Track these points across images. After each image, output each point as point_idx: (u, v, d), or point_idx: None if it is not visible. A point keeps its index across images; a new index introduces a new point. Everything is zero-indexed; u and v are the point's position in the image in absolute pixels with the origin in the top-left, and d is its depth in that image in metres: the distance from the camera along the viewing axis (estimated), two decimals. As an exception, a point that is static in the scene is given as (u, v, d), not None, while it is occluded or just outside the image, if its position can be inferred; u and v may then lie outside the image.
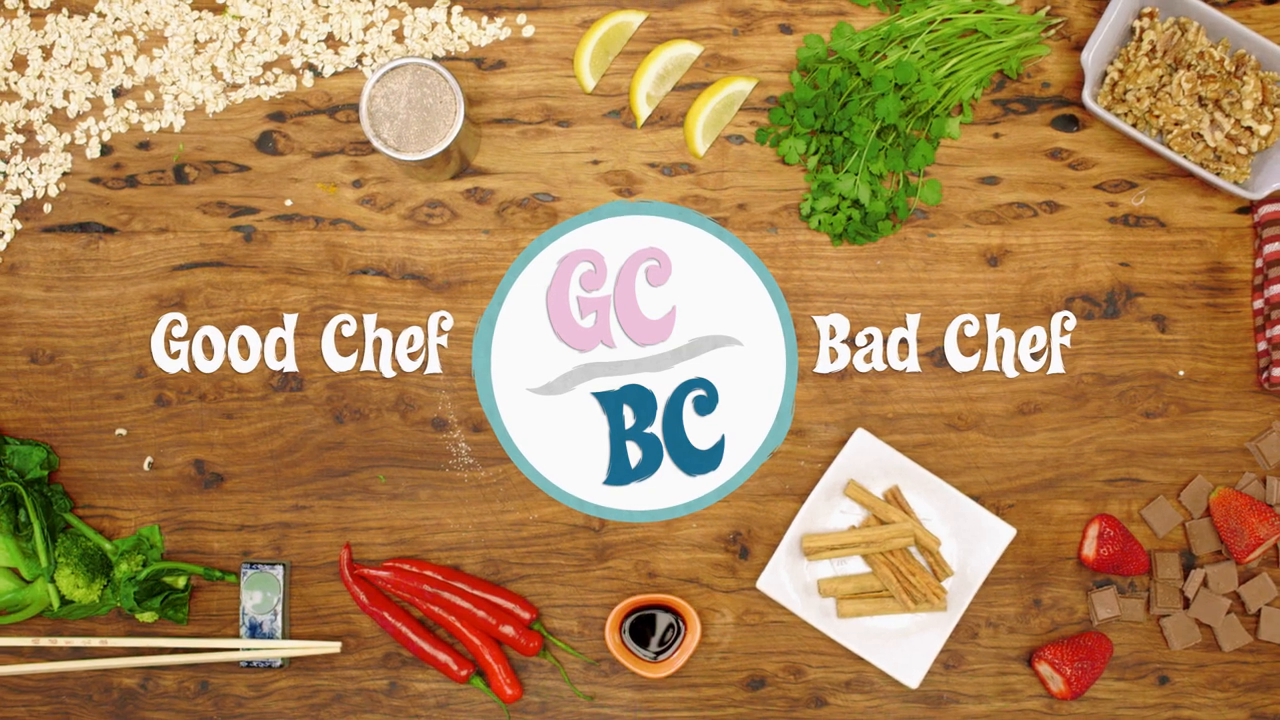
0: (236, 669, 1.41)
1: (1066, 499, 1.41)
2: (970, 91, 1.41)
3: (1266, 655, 1.41)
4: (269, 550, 1.42)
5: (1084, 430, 1.41)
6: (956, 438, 1.41)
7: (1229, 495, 1.39)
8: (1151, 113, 1.38)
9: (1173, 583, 1.40)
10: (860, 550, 1.38)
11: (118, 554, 1.39)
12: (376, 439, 1.42)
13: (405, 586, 1.39)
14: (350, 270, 1.42)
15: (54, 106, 1.43)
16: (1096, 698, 1.41)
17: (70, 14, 1.43)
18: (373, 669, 1.41)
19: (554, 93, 1.43)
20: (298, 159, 1.43)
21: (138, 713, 1.41)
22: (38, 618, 1.41)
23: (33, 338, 1.42)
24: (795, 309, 1.42)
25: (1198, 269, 1.42)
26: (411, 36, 1.43)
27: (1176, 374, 1.42)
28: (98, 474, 1.42)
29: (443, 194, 1.43)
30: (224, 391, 1.42)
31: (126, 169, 1.43)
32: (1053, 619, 1.41)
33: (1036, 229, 1.42)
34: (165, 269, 1.42)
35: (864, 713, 1.41)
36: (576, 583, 1.42)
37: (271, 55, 1.43)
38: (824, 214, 1.41)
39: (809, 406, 1.42)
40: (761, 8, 1.43)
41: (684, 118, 1.43)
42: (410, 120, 1.32)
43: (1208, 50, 1.37)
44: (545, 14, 1.44)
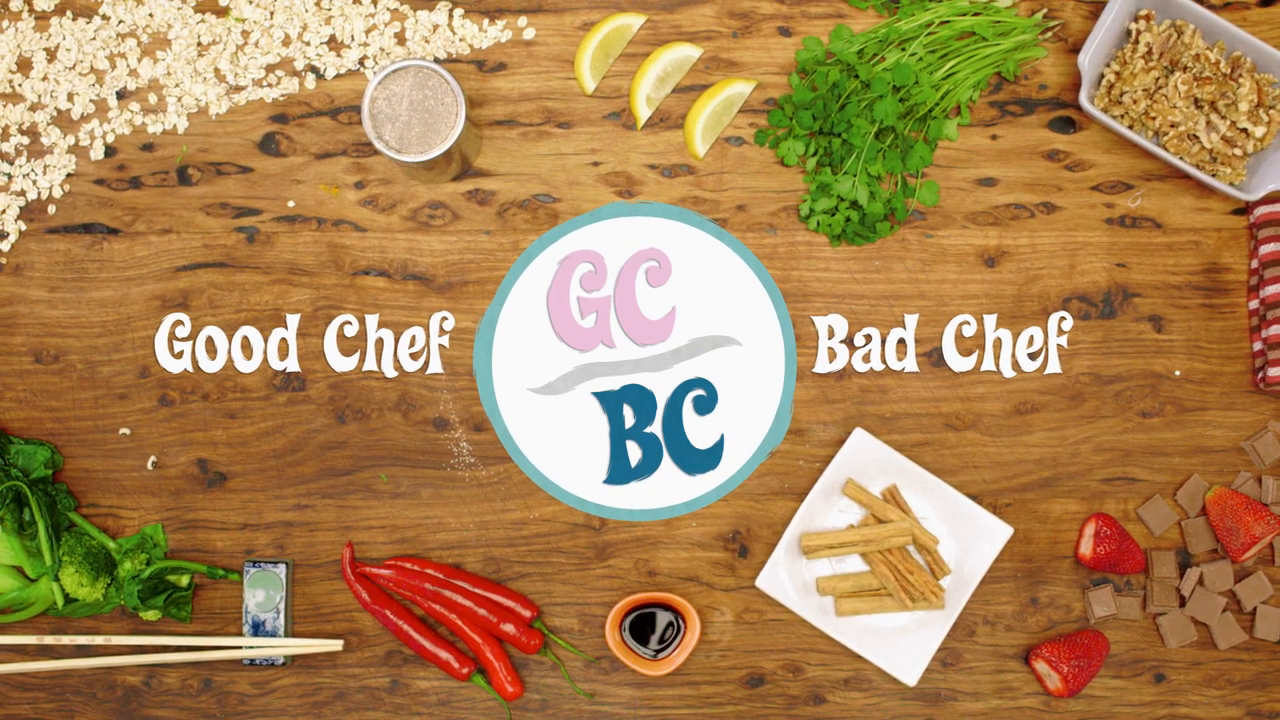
0: (239, 667, 1.42)
1: (1063, 498, 1.42)
2: (968, 93, 1.41)
3: (1262, 653, 1.41)
4: (272, 549, 1.42)
5: (1081, 430, 1.42)
6: (954, 437, 1.42)
7: (1225, 494, 1.39)
8: (1148, 115, 1.39)
9: (1169, 581, 1.40)
10: (858, 549, 1.39)
11: (121, 553, 1.40)
12: (378, 438, 1.42)
13: (407, 585, 1.40)
14: (352, 271, 1.43)
15: (58, 108, 1.43)
16: (1093, 695, 1.41)
17: (74, 17, 1.44)
18: (375, 667, 1.42)
19: (555, 95, 1.44)
20: (300, 160, 1.43)
21: (141, 710, 1.42)
22: (42, 616, 1.42)
23: (37, 338, 1.43)
24: (794, 309, 1.42)
25: (1194, 270, 1.42)
26: (413, 39, 1.43)
27: (1173, 374, 1.42)
28: (102, 473, 1.42)
29: (444, 195, 1.43)
30: (227, 391, 1.43)
31: (130, 170, 1.43)
32: (1049, 617, 1.42)
33: (1034, 230, 1.42)
34: (169, 270, 1.43)
35: (862, 710, 1.41)
36: (577, 581, 1.42)
37: (274, 57, 1.44)
38: (823, 215, 1.42)
39: (808, 406, 1.42)
40: (761, 10, 1.43)
41: (684, 119, 1.44)
42: (412, 122, 1.32)
43: (1203, 53, 1.37)
44: (546, 16, 1.44)
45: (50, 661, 1.39)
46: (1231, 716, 1.41)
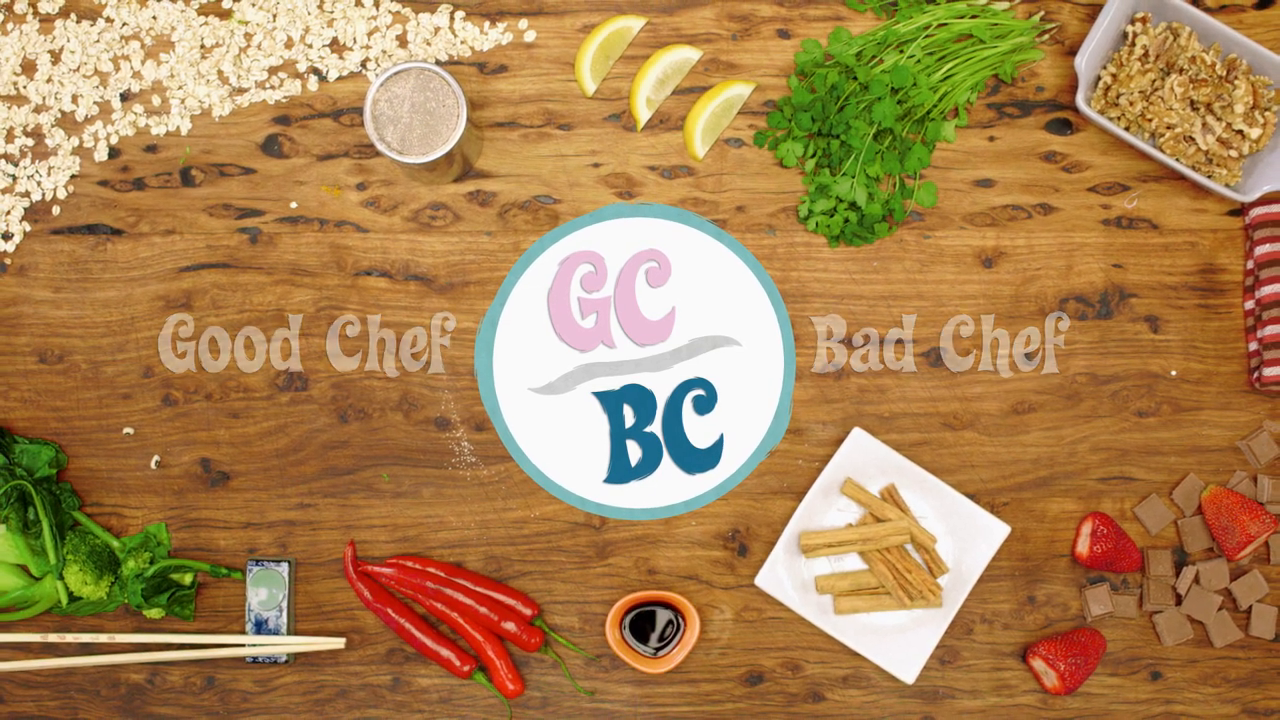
0: (242, 664, 1.42)
1: (1060, 497, 1.42)
2: (965, 95, 1.42)
3: (1257, 651, 1.42)
4: (274, 547, 1.43)
5: (1077, 429, 1.42)
6: (952, 437, 1.42)
7: (1220, 493, 1.40)
8: (1144, 116, 1.39)
9: (1165, 580, 1.41)
10: (857, 547, 1.39)
11: (125, 551, 1.40)
12: (380, 438, 1.43)
13: (408, 583, 1.40)
14: (354, 272, 1.43)
15: (62, 110, 1.44)
16: (1090, 693, 1.42)
17: (79, 19, 1.44)
18: (376, 664, 1.42)
19: (555, 96, 1.44)
20: (303, 162, 1.44)
21: (145, 708, 1.42)
22: (46, 614, 1.42)
23: (42, 338, 1.43)
24: (793, 310, 1.43)
25: (1190, 270, 1.43)
26: (415, 41, 1.44)
27: (1169, 374, 1.43)
28: (106, 472, 1.43)
29: (445, 196, 1.44)
30: (230, 391, 1.43)
31: (134, 172, 1.44)
32: (1047, 615, 1.42)
33: (1031, 231, 1.43)
34: (172, 270, 1.43)
35: (861, 708, 1.42)
36: (577, 579, 1.43)
37: (277, 60, 1.44)
38: (821, 216, 1.42)
39: (807, 406, 1.43)
40: (760, 13, 1.44)
41: (683, 121, 1.44)
42: (414, 124, 1.33)
43: (1199, 55, 1.37)
44: (546, 19, 1.44)
45: (54, 659, 1.39)
46: (1227, 714, 1.42)
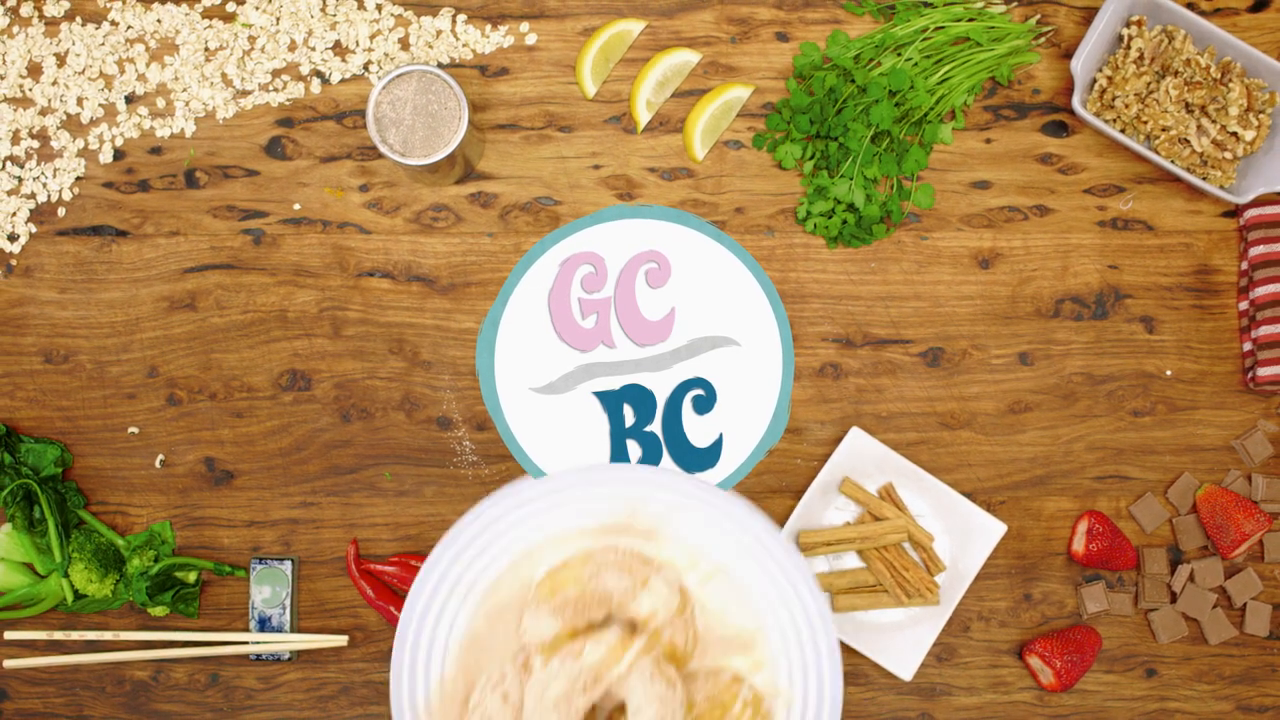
0: (246, 662, 1.43)
1: (1056, 496, 1.43)
2: (962, 98, 1.42)
3: (1251, 648, 1.42)
4: (278, 546, 1.43)
5: (1073, 429, 1.43)
6: (949, 436, 1.43)
7: (1215, 492, 1.40)
8: (1139, 119, 1.39)
9: (1160, 577, 1.41)
10: (855, 546, 1.40)
11: (130, 549, 1.41)
12: (383, 437, 1.43)
13: (410, 581, 1.41)
14: (357, 272, 1.44)
15: (68, 113, 1.44)
16: (1086, 690, 1.42)
17: (84, 22, 1.45)
18: (379, 662, 1.43)
19: (556, 99, 1.45)
20: (306, 164, 1.44)
21: (149, 704, 1.43)
22: (52, 612, 1.43)
23: (47, 338, 1.44)
24: (792, 310, 1.43)
25: (1185, 271, 1.43)
26: (417, 44, 1.44)
27: (1164, 374, 1.43)
28: (110, 471, 1.44)
29: (447, 198, 1.44)
30: (234, 391, 1.44)
31: (139, 174, 1.44)
32: (1043, 613, 1.43)
33: (1027, 232, 1.43)
34: (176, 271, 1.44)
35: (859, 704, 1.42)
36: (578, 578, 1.43)
37: (280, 62, 1.45)
38: (820, 217, 1.43)
39: (805, 405, 1.43)
40: (759, 16, 1.44)
41: (683, 123, 1.45)
42: (416, 126, 1.33)
43: (1194, 57, 1.38)
44: (548, 22, 1.45)
45: (60, 657, 1.40)
46: (1222, 710, 1.42)
